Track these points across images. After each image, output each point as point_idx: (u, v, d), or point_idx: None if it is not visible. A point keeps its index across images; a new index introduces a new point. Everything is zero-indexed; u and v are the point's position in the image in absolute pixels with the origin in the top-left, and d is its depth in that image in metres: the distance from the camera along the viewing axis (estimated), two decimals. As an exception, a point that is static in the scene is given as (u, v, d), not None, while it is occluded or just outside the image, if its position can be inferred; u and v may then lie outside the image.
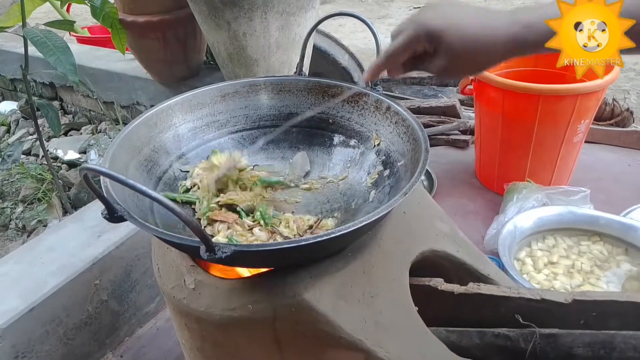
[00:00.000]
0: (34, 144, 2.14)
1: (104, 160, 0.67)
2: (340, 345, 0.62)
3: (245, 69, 1.40)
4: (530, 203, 1.32)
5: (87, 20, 2.25)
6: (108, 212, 0.56)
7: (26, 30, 1.30)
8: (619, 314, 0.74)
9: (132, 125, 0.76)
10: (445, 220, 0.86)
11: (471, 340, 0.74)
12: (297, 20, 1.33)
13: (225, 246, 0.50)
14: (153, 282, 1.23)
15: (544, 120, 1.35)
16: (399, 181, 0.73)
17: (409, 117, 0.75)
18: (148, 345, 1.19)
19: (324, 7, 4.40)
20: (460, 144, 1.85)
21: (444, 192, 1.61)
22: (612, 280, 1.13)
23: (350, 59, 1.86)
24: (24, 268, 1.06)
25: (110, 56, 2.16)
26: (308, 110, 0.86)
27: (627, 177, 1.62)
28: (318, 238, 0.54)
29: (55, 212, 1.66)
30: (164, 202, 0.46)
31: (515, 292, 0.77)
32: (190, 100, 0.85)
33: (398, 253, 0.72)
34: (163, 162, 0.80)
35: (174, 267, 0.70)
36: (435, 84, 2.28)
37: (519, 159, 1.48)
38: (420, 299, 0.71)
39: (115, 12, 1.54)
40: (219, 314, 0.63)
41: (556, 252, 1.22)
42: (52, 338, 1.03)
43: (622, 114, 1.87)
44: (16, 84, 2.57)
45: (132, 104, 2.04)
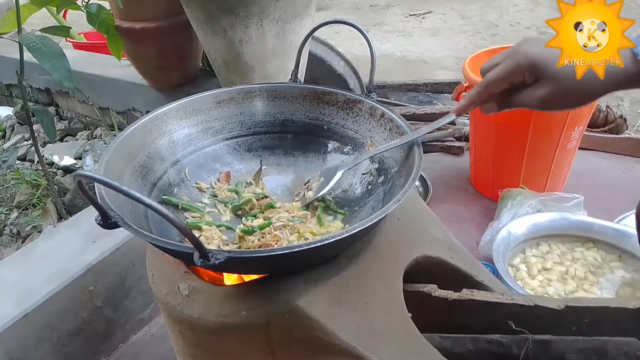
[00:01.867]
0: (30, 149, 2.13)
1: (98, 167, 0.67)
2: (334, 351, 0.62)
3: (241, 76, 1.40)
4: (524, 209, 1.33)
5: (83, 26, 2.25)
6: (102, 219, 0.56)
7: (22, 36, 1.30)
8: (611, 320, 0.74)
9: (127, 131, 0.76)
10: (439, 226, 0.87)
11: (464, 347, 0.74)
12: (292, 27, 1.33)
13: (219, 253, 0.50)
14: (147, 288, 1.22)
15: (538, 127, 1.36)
16: (393, 187, 0.73)
17: (403, 124, 0.76)
18: (142, 351, 1.19)
19: (320, 14, 4.42)
20: (455, 150, 1.86)
21: (439, 199, 1.61)
22: (605, 286, 1.13)
23: (346, 66, 1.86)
24: (18, 274, 1.06)
25: (106, 62, 2.15)
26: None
27: (621, 183, 1.63)
28: (312, 244, 0.54)
29: (50, 218, 1.66)
30: (157, 208, 0.46)
31: (508, 299, 0.77)
32: (185, 106, 0.85)
33: (392, 259, 0.73)
34: (158, 168, 0.80)
35: (168, 274, 0.71)
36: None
37: (513, 166, 1.49)
38: (414, 305, 0.71)
39: (111, 19, 1.54)
40: (213, 320, 0.63)
41: (550, 258, 1.22)
42: (46, 344, 1.03)
43: (616, 120, 1.88)
44: (12, 89, 2.56)
45: (128, 110, 2.04)
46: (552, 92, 0.60)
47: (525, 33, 3.81)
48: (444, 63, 3.39)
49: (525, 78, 0.62)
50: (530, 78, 0.61)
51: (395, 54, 3.53)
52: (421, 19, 4.34)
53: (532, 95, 0.62)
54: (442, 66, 3.34)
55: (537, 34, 3.77)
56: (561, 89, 0.60)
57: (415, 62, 3.44)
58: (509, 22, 4.06)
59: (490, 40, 3.70)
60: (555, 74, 0.59)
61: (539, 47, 0.61)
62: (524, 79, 0.62)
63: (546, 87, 0.60)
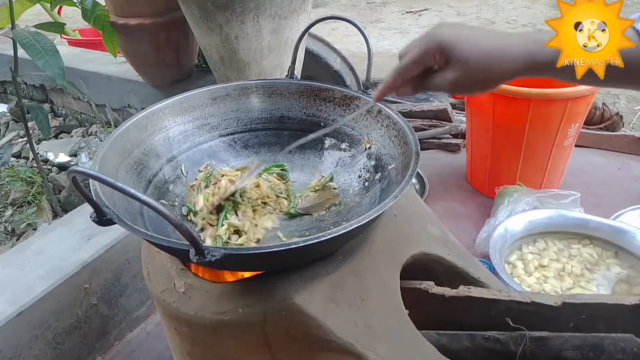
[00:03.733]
0: (24, 146, 2.12)
1: (93, 163, 0.67)
2: (330, 348, 0.62)
3: (237, 72, 1.40)
4: (521, 206, 1.33)
5: (78, 22, 2.24)
6: (97, 215, 0.56)
7: (15, 32, 1.29)
8: (608, 317, 0.75)
9: (123, 127, 0.76)
10: (436, 223, 0.86)
11: (461, 344, 0.74)
12: (289, 23, 1.33)
13: (215, 249, 0.50)
14: (143, 286, 1.22)
15: (535, 124, 1.36)
16: (390, 184, 0.73)
17: (400, 121, 0.75)
18: (138, 349, 1.19)
19: (317, 11, 4.41)
20: (452, 147, 1.86)
21: (436, 196, 1.61)
22: (602, 283, 1.14)
23: (342, 63, 1.86)
24: (13, 272, 1.05)
25: (101, 59, 2.15)
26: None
27: (617, 180, 1.63)
28: (309, 241, 0.54)
29: (45, 216, 1.65)
30: (153, 204, 0.46)
31: (505, 295, 0.77)
32: (181, 103, 0.85)
33: (389, 256, 0.72)
34: (153, 165, 0.79)
35: (163, 271, 0.70)
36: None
37: (510, 163, 1.49)
38: (411, 302, 0.71)
39: (106, 15, 1.53)
40: (209, 318, 0.63)
41: (547, 255, 1.22)
42: (40, 342, 1.02)
43: (612, 118, 1.89)
44: (6, 86, 2.55)
45: (124, 106, 2.03)
46: (460, 75, 0.60)
47: (522, 30, 3.81)
48: (440, 60, 3.38)
49: (436, 61, 0.62)
50: (440, 61, 0.61)
51: (392, 51, 3.53)
52: (418, 16, 4.34)
53: (442, 78, 0.62)
54: (438, 63, 3.34)
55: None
56: (468, 72, 0.60)
57: (412, 60, 3.43)
58: (505, 19, 4.06)
59: (487, 38, 3.70)
60: (464, 55, 0.59)
61: (450, 30, 0.61)
62: (434, 62, 0.62)
63: (455, 70, 0.60)
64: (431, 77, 0.64)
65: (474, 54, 0.59)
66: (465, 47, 0.59)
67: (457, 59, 0.60)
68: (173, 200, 0.80)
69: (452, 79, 0.61)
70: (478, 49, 0.59)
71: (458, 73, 0.60)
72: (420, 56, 0.62)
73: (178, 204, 0.80)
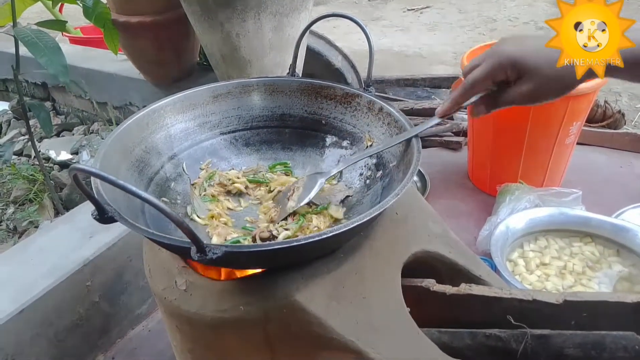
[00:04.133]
0: (26, 144, 2.12)
1: (95, 161, 0.67)
2: (332, 346, 0.62)
3: (238, 70, 1.39)
4: (522, 204, 1.33)
5: (79, 20, 2.23)
6: (98, 213, 0.56)
7: (17, 30, 1.29)
8: (609, 315, 0.74)
9: (124, 125, 0.76)
10: (437, 221, 0.86)
11: (463, 341, 0.74)
12: (290, 21, 1.32)
13: (216, 247, 0.50)
14: (145, 283, 1.22)
15: (536, 122, 1.36)
16: (392, 182, 0.73)
17: (402, 119, 0.75)
18: (140, 347, 1.19)
19: (318, 9, 4.40)
20: (453, 145, 1.86)
21: (437, 194, 1.61)
22: (603, 281, 1.13)
23: (343, 60, 1.86)
24: (15, 269, 1.06)
25: (103, 57, 2.14)
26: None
27: (619, 178, 1.63)
28: (310, 239, 0.54)
29: (47, 213, 1.65)
30: (154, 202, 0.46)
31: (507, 293, 0.77)
32: (182, 100, 0.84)
33: (390, 254, 0.72)
34: (155, 162, 0.79)
35: (165, 269, 0.70)
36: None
37: (511, 161, 1.48)
38: (413, 299, 0.71)
39: (107, 13, 1.53)
40: (211, 316, 0.63)
41: (548, 253, 1.22)
42: (42, 340, 1.02)
43: (614, 116, 1.88)
44: (8, 84, 2.55)
45: (125, 104, 2.03)
46: (535, 86, 0.62)
47: (524, 28, 3.80)
48: (442, 58, 3.38)
49: (508, 76, 0.63)
50: (512, 75, 0.63)
51: (394, 48, 3.52)
52: (419, 14, 4.33)
53: (517, 92, 0.64)
54: (440, 61, 3.34)
55: (535, 29, 3.76)
56: (543, 81, 0.61)
57: (413, 57, 3.43)
58: (507, 17, 4.05)
59: (489, 35, 3.70)
60: (536, 68, 0.61)
61: (518, 44, 0.62)
62: (506, 77, 0.63)
63: (530, 82, 0.62)
64: (505, 93, 0.65)
65: (546, 63, 0.60)
66: (537, 58, 0.60)
67: (531, 71, 0.61)
68: (174, 198, 0.80)
69: (527, 91, 0.62)
70: (549, 58, 0.60)
71: (533, 84, 0.62)
72: (490, 72, 0.63)
73: (179, 201, 0.80)
